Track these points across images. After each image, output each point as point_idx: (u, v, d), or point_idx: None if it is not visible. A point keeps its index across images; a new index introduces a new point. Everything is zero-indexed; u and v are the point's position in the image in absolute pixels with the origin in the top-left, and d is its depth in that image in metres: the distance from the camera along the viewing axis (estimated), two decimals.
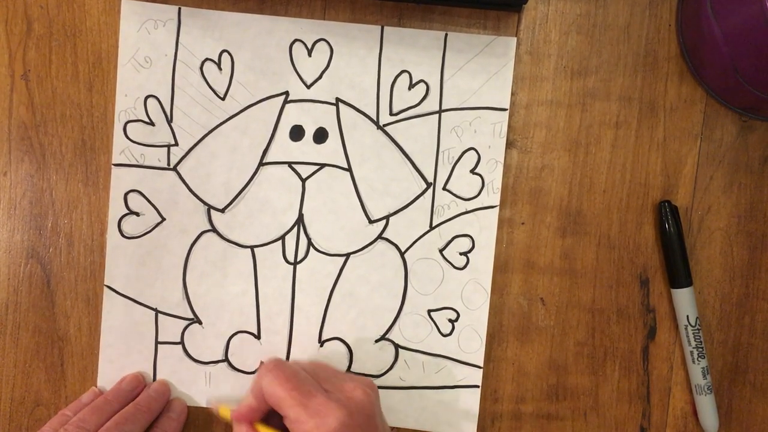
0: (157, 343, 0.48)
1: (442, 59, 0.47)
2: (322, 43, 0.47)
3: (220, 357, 0.48)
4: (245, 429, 0.42)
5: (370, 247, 0.48)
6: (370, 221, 0.48)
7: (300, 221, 0.48)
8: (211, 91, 0.47)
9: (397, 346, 0.48)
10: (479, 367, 0.48)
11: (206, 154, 0.47)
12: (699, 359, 0.47)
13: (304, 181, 0.47)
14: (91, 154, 0.48)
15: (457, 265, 0.48)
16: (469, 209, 0.47)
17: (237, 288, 0.48)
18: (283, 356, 0.48)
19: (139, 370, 0.48)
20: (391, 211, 0.47)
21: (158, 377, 0.48)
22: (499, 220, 0.47)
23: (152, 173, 0.47)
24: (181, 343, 0.48)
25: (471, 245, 0.47)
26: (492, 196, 0.47)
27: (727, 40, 0.42)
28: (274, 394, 0.40)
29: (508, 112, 0.47)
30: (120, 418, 0.44)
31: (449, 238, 0.47)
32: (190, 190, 0.48)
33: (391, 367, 0.48)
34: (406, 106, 0.47)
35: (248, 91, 0.47)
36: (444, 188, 0.47)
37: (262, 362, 0.48)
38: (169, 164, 0.47)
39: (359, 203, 0.47)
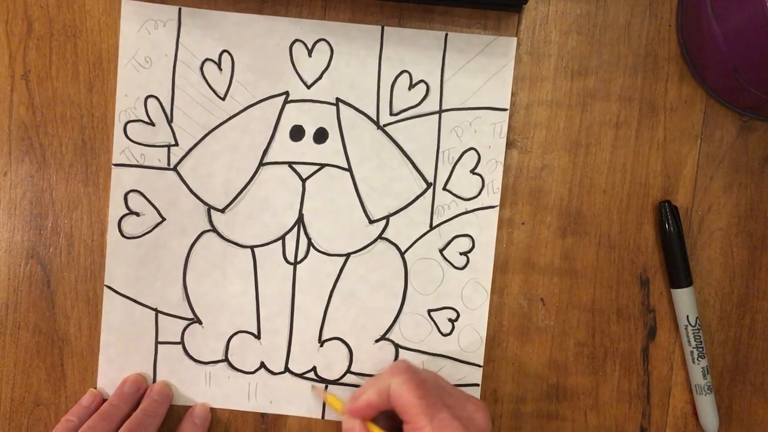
0: (157, 343, 0.48)
1: (442, 59, 0.47)
2: (323, 43, 0.47)
3: (220, 357, 0.48)
4: (358, 425, 0.43)
5: (370, 247, 0.48)
6: (371, 221, 0.48)
7: (300, 221, 0.48)
8: (211, 91, 0.47)
9: (397, 346, 0.48)
10: (479, 366, 0.48)
11: (206, 154, 0.47)
12: (699, 359, 0.47)
13: (304, 181, 0.47)
14: (91, 154, 0.48)
15: (457, 265, 0.48)
16: (469, 209, 0.47)
17: (237, 288, 0.48)
18: (284, 356, 0.48)
19: (139, 370, 0.48)
20: (392, 211, 0.48)
21: (158, 377, 0.48)
22: (499, 220, 0.47)
23: (152, 173, 0.47)
24: (181, 343, 0.48)
25: (471, 245, 0.47)
26: (492, 196, 0.47)
27: (727, 40, 0.42)
28: (402, 397, 0.40)
29: (508, 112, 0.47)
30: (131, 426, 0.44)
31: (449, 238, 0.48)
32: (190, 190, 0.48)
33: None
34: (406, 106, 0.47)
35: (248, 91, 0.47)
36: (444, 188, 0.47)
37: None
38: (169, 164, 0.47)
39: (359, 203, 0.47)
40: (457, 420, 0.39)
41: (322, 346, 0.48)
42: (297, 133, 0.47)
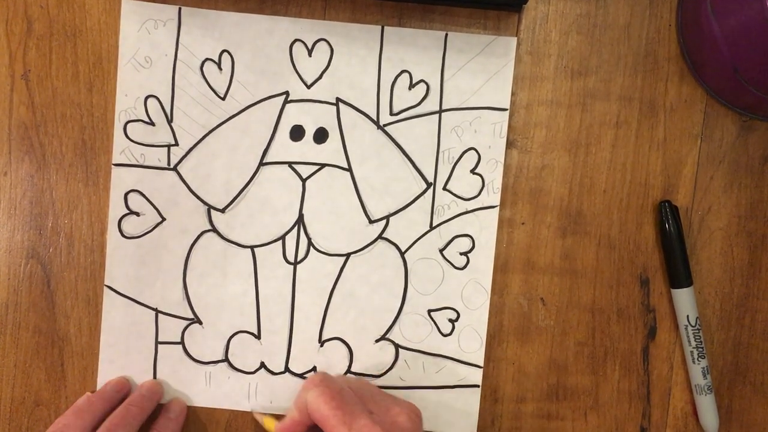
0: (157, 343, 0.48)
1: (442, 59, 0.47)
2: (323, 43, 0.47)
3: (220, 357, 0.48)
4: None
5: (370, 247, 0.48)
6: (371, 221, 0.48)
7: (300, 221, 0.48)
8: (211, 91, 0.47)
9: (397, 346, 0.48)
10: (479, 366, 0.48)
11: (206, 154, 0.47)
12: (699, 359, 0.47)
13: (304, 181, 0.47)
14: (91, 154, 0.48)
15: (457, 265, 0.48)
16: (469, 209, 0.47)
17: (237, 288, 0.48)
18: (284, 357, 0.48)
19: (140, 370, 0.48)
20: (392, 211, 0.48)
21: (158, 377, 0.48)
22: (499, 220, 0.47)
23: (152, 173, 0.47)
24: (182, 343, 0.48)
25: (471, 245, 0.47)
26: (492, 196, 0.47)
27: (727, 40, 0.42)
28: (317, 411, 0.40)
29: (508, 112, 0.47)
30: (111, 423, 0.43)
31: (449, 238, 0.48)
32: (191, 190, 0.48)
33: (391, 367, 0.48)
34: (406, 106, 0.47)
35: (248, 91, 0.47)
36: (444, 188, 0.47)
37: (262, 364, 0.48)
38: (169, 164, 0.47)
39: (359, 203, 0.47)
40: (378, 425, 0.39)
41: (322, 346, 0.48)
42: (297, 133, 0.47)
